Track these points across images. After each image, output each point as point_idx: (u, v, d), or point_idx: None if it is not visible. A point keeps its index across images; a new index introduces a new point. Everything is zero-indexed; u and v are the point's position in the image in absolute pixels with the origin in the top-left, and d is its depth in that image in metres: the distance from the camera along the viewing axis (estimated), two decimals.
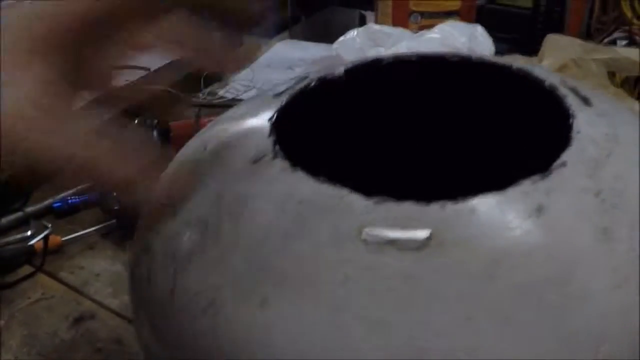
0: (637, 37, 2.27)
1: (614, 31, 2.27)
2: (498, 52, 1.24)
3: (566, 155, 0.40)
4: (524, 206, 0.37)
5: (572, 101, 0.45)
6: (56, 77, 0.34)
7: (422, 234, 0.35)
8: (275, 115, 0.45)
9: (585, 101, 0.46)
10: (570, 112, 0.44)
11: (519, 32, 1.89)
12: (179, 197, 0.41)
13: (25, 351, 0.79)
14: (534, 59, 1.03)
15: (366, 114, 0.56)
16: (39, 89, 0.33)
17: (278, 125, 0.45)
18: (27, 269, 0.92)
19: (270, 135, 0.43)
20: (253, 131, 0.44)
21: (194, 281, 0.38)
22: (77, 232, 0.99)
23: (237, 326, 0.36)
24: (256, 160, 0.41)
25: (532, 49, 1.12)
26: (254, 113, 0.47)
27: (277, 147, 0.42)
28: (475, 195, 0.37)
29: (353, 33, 1.06)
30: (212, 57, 0.41)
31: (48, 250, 0.94)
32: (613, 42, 2.18)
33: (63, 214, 1.03)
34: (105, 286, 0.89)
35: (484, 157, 0.55)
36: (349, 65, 0.51)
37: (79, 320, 0.84)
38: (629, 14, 2.24)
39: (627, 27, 2.25)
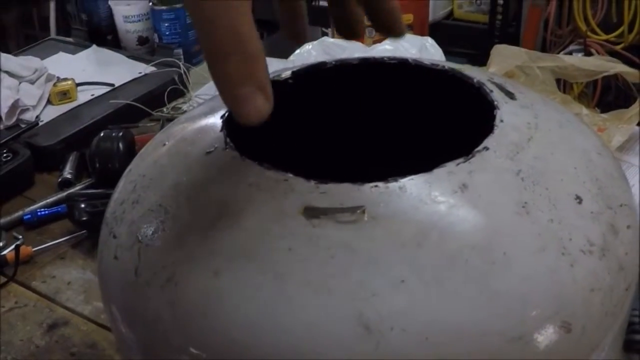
0: (591, 49, 2.34)
1: (569, 44, 2.35)
2: None
3: (488, 141, 0.45)
4: (449, 184, 0.42)
5: (497, 95, 0.50)
6: None
7: (357, 209, 0.40)
8: (226, 113, 0.49)
9: (510, 95, 0.51)
10: (495, 104, 0.49)
11: (476, 47, 1.95)
12: None
13: (2, 358, 0.82)
14: (484, 69, 1.08)
15: (313, 111, 0.60)
16: None
17: (231, 122, 0.49)
18: None
19: (221, 129, 0.47)
20: (207, 127, 0.49)
21: (156, 259, 0.42)
22: (47, 242, 1.02)
23: (194, 296, 0.40)
24: (209, 152, 0.46)
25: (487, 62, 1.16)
26: (209, 112, 0.51)
27: (228, 139, 0.46)
28: (405, 176, 0.42)
29: (308, 47, 1.11)
30: None
31: (20, 261, 0.96)
32: (569, 54, 2.25)
33: (33, 225, 1.06)
34: (77, 294, 0.92)
35: (422, 148, 0.60)
36: (296, 69, 0.56)
37: (52, 327, 0.87)
38: (583, 27, 2.32)
39: (582, 40, 2.33)
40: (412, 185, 0.41)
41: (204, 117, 0.51)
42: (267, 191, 0.41)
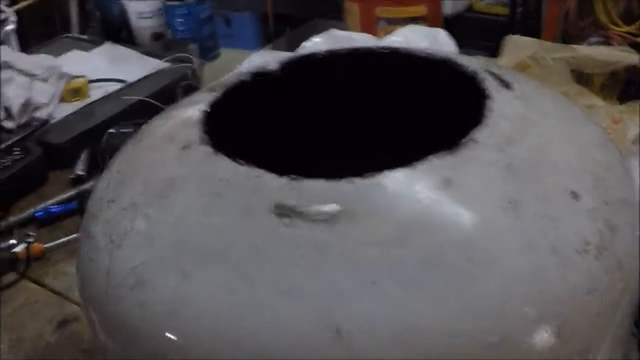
0: (613, 41, 2.29)
1: (590, 36, 2.30)
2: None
3: (477, 132, 0.43)
4: (432, 179, 0.40)
5: (490, 84, 0.48)
6: None
7: (331, 206, 0.38)
8: (206, 107, 0.47)
9: (506, 85, 0.49)
10: (487, 93, 0.46)
11: (496, 40, 1.91)
12: None
13: (13, 355, 0.81)
14: (491, 60, 1.05)
15: (301, 103, 0.58)
16: None
17: (212, 115, 0.47)
18: (11, 276, 0.94)
19: (199, 124, 0.46)
20: (186, 122, 0.47)
21: (126, 260, 0.41)
22: (59, 239, 1.01)
23: (163, 298, 0.38)
24: (185, 147, 0.44)
25: None
26: (190, 106, 0.49)
27: (205, 135, 0.44)
28: (384, 171, 0.40)
29: (317, 39, 1.08)
30: None
31: (32, 258, 0.96)
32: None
33: (46, 222, 1.05)
34: None
35: (413, 140, 0.58)
36: (284, 60, 0.54)
37: (63, 323, 0.86)
38: (603, 18, 2.26)
39: (603, 32, 2.28)
40: (392, 180, 0.39)
41: (184, 111, 0.49)
42: (238, 188, 0.40)
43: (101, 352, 0.47)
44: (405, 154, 0.52)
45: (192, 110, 0.48)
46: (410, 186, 0.39)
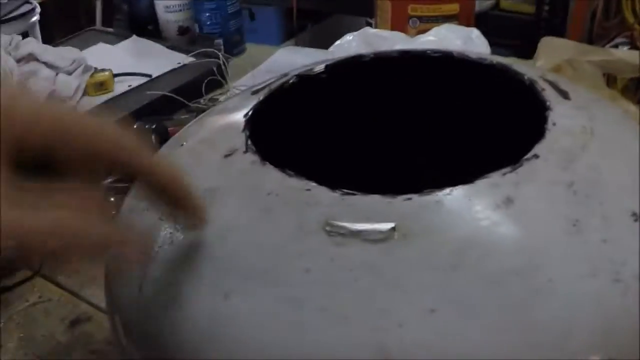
0: (639, 42, 2.25)
1: (616, 36, 2.26)
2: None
3: (539, 148, 0.40)
4: (492, 198, 0.37)
5: (549, 94, 0.45)
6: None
7: (386, 225, 0.35)
8: (250, 112, 0.45)
9: (564, 95, 0.46)
10: (547, 104, 0.44)
11: (521, 38, 1.89)
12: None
13: (22, 353, 0.79)
14: (531, 63, 1.03)
15: (347, 109, 0.56)
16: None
17: (255, 121, 0.45)
18: (25, 273, 0.92)
19: (243, 130, 0.43)
20: (229, 127, 0.45)
21: (162, 275, 0.38)
22: None
23: (201, 319, 0.36)
24: (228, 155, 0.41)
25: (534, 55, 1.11)
26: (232, 110, 0.47)
27: (249, 141, 0.42)
28: (443, 187, 0.37)
29: (349, 37, 1.05)
30: None
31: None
32: (615, 47, 2.16)
33: None
34: (101, 289, 0.88)
35: (465, 150, 0.55)
36: (330, 62, 0.51)
37: (75, 322, 0.84)
38: (630, 19, 2.22)
39: (629, 32, 2.24)
40: (451, 198, 0.37)
41: (226, 114, 0.47)
42: (287, 203, 0.37)
43: (119, 353, 0.44)
44: (453, 164, 0.50)
45: (235, 115, 0.45)
46: (470, 205, 0.36)
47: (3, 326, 0.83)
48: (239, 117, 0.45)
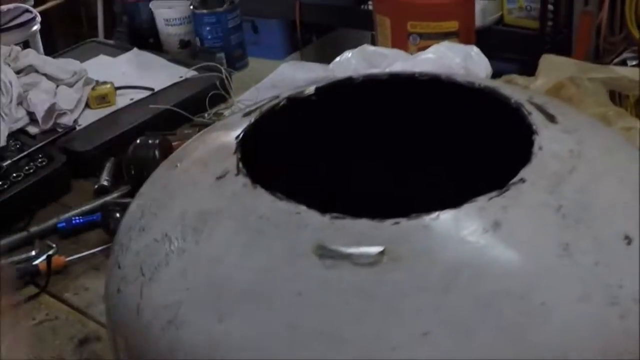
0: None
1: (623, 51, 2.26)
2: (503, 72, 1.23)
3: (525, 172, 0.41)
4: (480, 222, 0.38)
5: (536, 118, 0.46)
6: None
7: (375, 249, 0.36)
8: (241, 134, 0.46)
9: (551, 118, 0.47)
10: (534, 128, 0.44)
11: (526, 53, 1.89)
12: None
13: None
14: (532, 79, 1.03)
15: (337, 131, 0.57)
16: None
17: (247, 142, 0.45)
18: (31, 290, 0.92)
19: (235, 152, 0.44)
20: (221, 149, 0.45)
21: (158, 296, 0.39)
22: (81, 252, 0.99)
23: (196, 341, 0.36)
24: (220, 177, 0.42)
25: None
26: (225, 130, 0.48)
27: (240, 164, 0.43)
28: (431, 211, 0.38)
29: (348, 54, 1.06)
30: None
31: (52, 271, 0.94)
32: (623, 63, 2.16)
33: (67, 234, 1.04)
34: None
35: (454, 172, 0.56)
36: (321, 84, 0.52)
37: (84, 342, 0.84)
38: (636, 34, 2.23)
39: (636, 47, 2.24)
40: (438, 222, 0.37)
41: (219, 136, 0.48)
42: (278, 226, 0.38)
43: None
44: (442, 186, 0.51)
45: (227, 137, 0.46)
46: (457, 228, 0.37)
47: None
48: (230, 138, 0.46)
